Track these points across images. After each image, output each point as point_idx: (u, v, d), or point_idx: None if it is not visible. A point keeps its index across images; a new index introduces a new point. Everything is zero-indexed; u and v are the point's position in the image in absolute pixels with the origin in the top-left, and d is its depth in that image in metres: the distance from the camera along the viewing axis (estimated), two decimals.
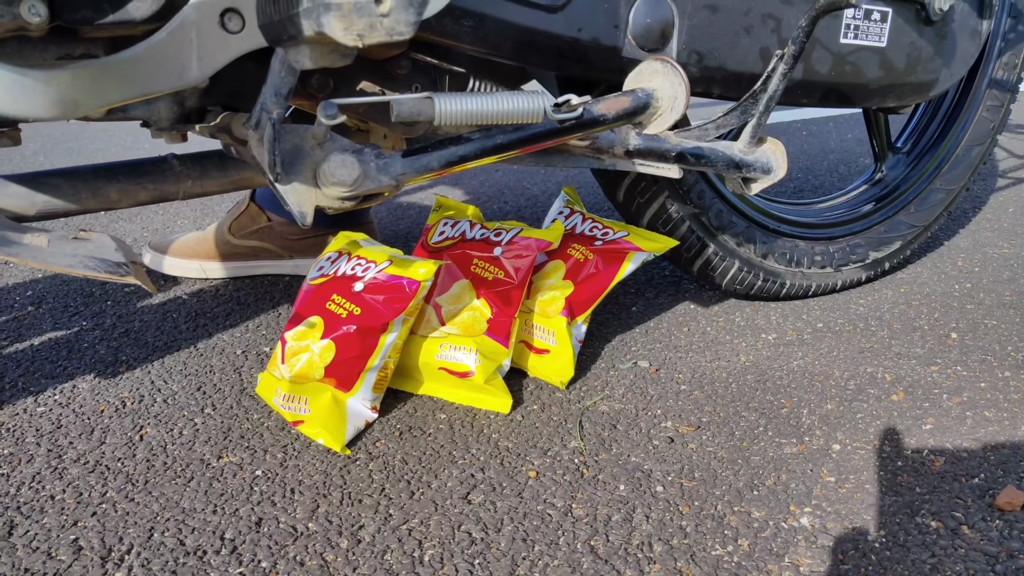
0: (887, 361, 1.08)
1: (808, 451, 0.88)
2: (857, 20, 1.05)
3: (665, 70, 0.85)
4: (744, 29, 0.98)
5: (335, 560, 0.72)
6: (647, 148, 0.92)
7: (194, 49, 0.68)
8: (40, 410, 0.96)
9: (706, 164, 0.95)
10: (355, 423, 0.89)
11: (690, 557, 0.72)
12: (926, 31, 1.11)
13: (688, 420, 0.94)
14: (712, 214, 1.15)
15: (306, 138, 0.72)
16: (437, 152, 0.76)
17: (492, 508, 0.79)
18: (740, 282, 1.21)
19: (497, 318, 0.97)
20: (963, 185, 1.37)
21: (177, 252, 1.35)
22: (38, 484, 0.82)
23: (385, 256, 0.93)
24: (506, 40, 0.85)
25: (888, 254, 1.33)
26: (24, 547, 0.73)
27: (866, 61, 1.08)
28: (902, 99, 1.16)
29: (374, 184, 0.73)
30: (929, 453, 0.87)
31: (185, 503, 0.79)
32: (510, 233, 1.02)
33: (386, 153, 0.74)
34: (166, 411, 0.96)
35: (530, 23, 0.85)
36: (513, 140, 0.79)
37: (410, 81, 0.88)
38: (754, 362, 1.08)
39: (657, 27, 0.92)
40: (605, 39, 0.90)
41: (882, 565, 0.71)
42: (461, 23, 0.82)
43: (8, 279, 1.36)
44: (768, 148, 0.98)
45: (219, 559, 0.72)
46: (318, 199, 0.73)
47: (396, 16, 0.56)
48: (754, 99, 0.93)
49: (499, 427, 0.92)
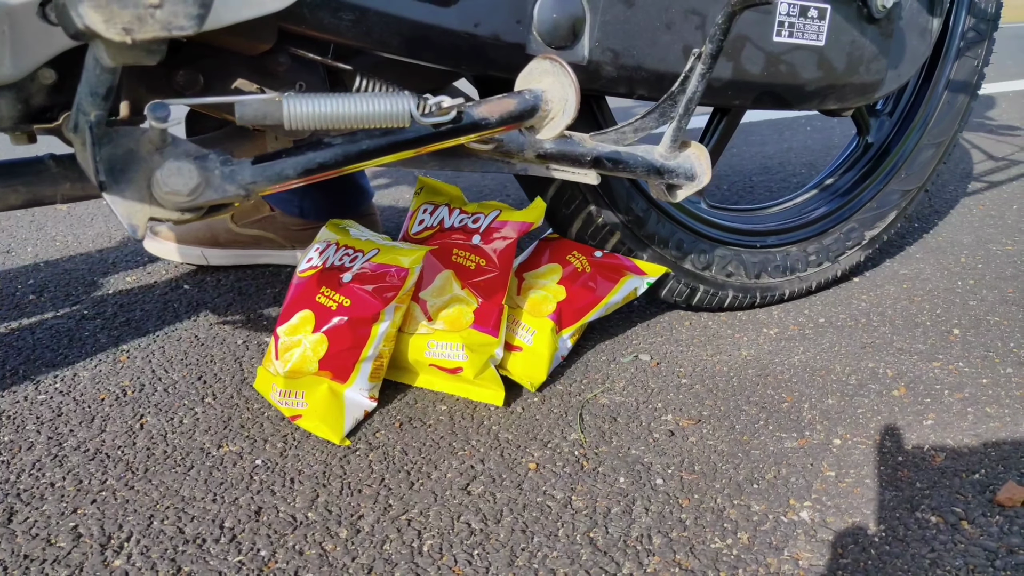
0: (889, 356, 1.07)
1: (808, 445, 0.88)
2: (792, 17, 0.99)
3: (555, 70, 0.79)
4: (665, 25, 0.92)
5: (334, 549, 0.72)
6: (560, 152, 0.86)
7: (7, 42, 0.62)
8: (41, 398, 0.96)
9: (624, 169, 0.89)
10: (354, 414, 0.89)
11: (689, 550, 0.72)
12: (869, 29, 1.05)
13: (689, 414, 0.94)
14: (675, 241, 1.13)
15: (142, 142, 0.65)
16: (293, 159, 0.70)
17: (492, 499, 0.79)
18: (740, 303, 1.21)
19: (483, 307, 0.94)
20: (952, 137, 1.30)
21: (179, 238, 1.35)
22: (38, 471, 0.82)
23: (372, 245, 0.92)
24: (393, 35, 0.79)
25: (885, 227, 1.30)
26: (24, 534, 0.73)
27: (803, 61, 1.02)
28: (844, 101, 1.10)
29: (217, 194, 0.67)
30: (930, 449, 0.87)
31: (185, 491, 0.79)
32: (488, 217, 0.99)
33: (234, 160, 0.68)
34: (166, 400, 0.96)
35: (419, 17, 0.80)
36: (382, 145, 0.74)
37: (294, 79, 0.81)
38: (755, 356, 1.08)
39: (565, 23, 0.86)
40: (507, 35, 0.84)
41: (882, 559, 0.71)
42: (340, 17, 0.76)
43: (10, 267, 1.36)
44: (691, 153, 0.93)
45: (218, 547, 0.72)
46: (153, 210, 0.66)
47: (171, 7, 0.49)
48: (672, 101, 0.87)
49: (499, 419, 0.92)
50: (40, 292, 1.26)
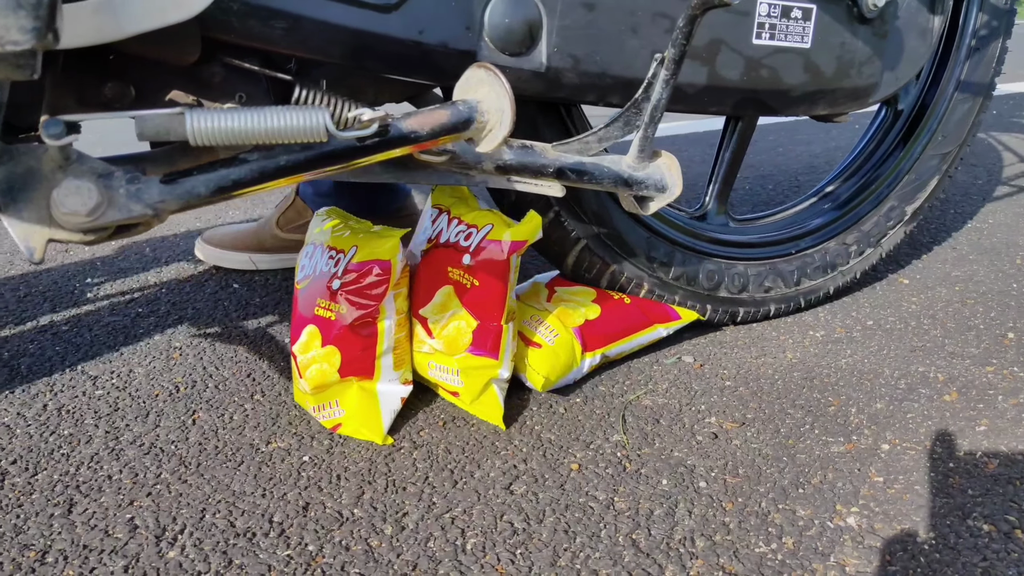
0: (940, 360, 1.05)
1: (856, 450, 0.86)
2: (773, 18, 0.93)
3: (489, 79, 0.73)
4: (630, 29, 0.87)
5: (379, 546, 0.73)
6: (521, 163, 0.81)
7: None
8: (98, 393, 0.99)
9: (590, 181, 0.85)
10: (391, 406, 0.90)
11: (733, 554, 0.72)
12: (860, 30, 0.99)
13: (732, 416, 0.93)
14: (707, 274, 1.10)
15: (44, 160, 0.62)
16: (204, 176, 0.66)
17: (534, 499, 0.79)
18: (786, 311, 1.18)
19: (481, 328, 0.90)
20: (990, 81, 1.23)
21: (228, 245, 1.38)
22: (96, 464, 0.85)
23: (351, 241, 0.90)
24: (332, 44, 0.76)
25: (927, 197, 1.23)
26: (83, 524, 0.76)
27: (787, 64, 0.96)
28: (835, 106, 1.03)
29: (122, 214, 0.64)
30: (982, 455, 0.85)
31: (235, 486, 0.81)
32: (480, 233, 0.91)
33: (142, 178, 0.65)
34: (217, 396, 0.98)
35: (358, 25, 0.76)
36: (303, 160, 0.69)
37: (232, 90, 0.77)
38: (801, 359, 1.06)
39: (520, 28, 0.82)
40: (456, 43, 0.80)
41: (931, 567, 0.69)
42: (271, 25, 0.72)
43: (68, 267, 1.41)
44: (662, 163, 0.88)
45: (267, 541, 0.74)
46: (53, 232, 0.63)
47: (2, 22, 0.46)
48: (637, 109, 0.83)
49: (542, 419, 0.93)
50: (97, 291, 1.30)
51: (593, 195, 1.02)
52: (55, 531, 0.75)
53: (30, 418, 0.93)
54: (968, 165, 2.03)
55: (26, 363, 1.06)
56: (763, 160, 2.15)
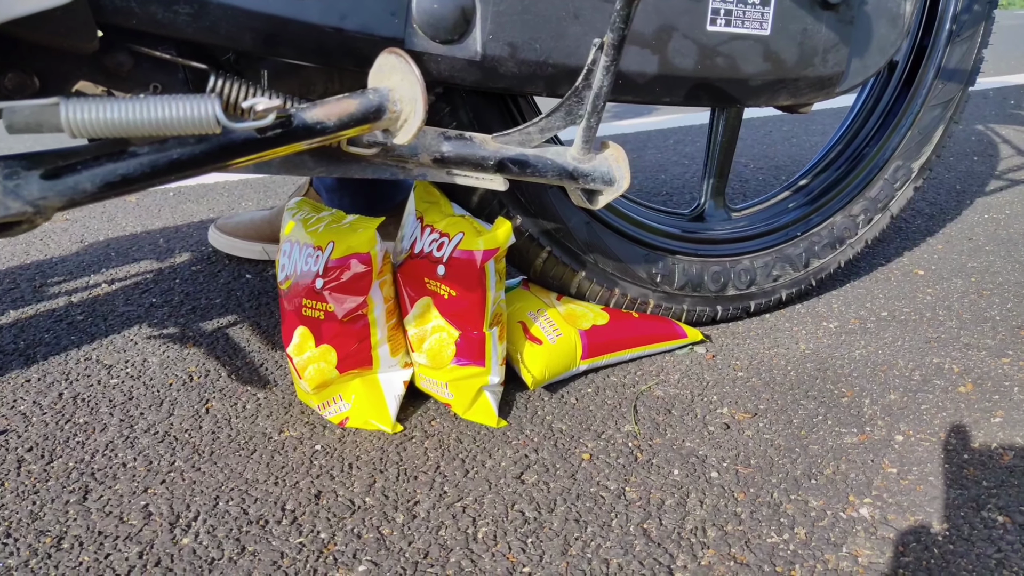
0: (955, 352, 1.04)
1: (869, 441, 0.86)
2: (729, 4, 0.89)
3: (400, 65, 0.69)
4: (572, 15, 0.82)
5: (391, 534, 0.73)
6: (459, 156, 0.78)
7: None
8: (113, 382, 1.00)
9: (534, 174, 0.82)
10: (394, 391, 0.90)
11: (744, 543, 0.71)
12: (824, 16, 0.94)
13: (744, 407, 0.93)
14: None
15: None
16: (90, 171, 0.62)
17: (545, 488, 0.79)
18: (797, 295, 1.18)
19: (464, 338, 0.88)
20: (987, 11, 1.17)
21: (242, 234, 1.39)
22: (111, 452, 0.86)
23: (327, 237, 0.88)
24: (243, 31, 0.71)
25: (933, 149, 1.19)
26: (98, 511, 0.77)
27: (744, 52, 0.91)
28: (798, 96, 0.98)
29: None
30: (998, 447, 0.84)
31: (248, 474, 0.82)
32: (452, 243, 0.88)
33: (22, 173, 0.61)
34: (230, 386, 0.99)
35: (271, 10, 0.71)
36: (198, 154, 0.65)
37: (145, 79, 0.73)
38: (814, 350, 1.06)
39: (451, 14, 0.78)
40: (380, 29, 0.76)
41: (945, 559, 0.69)
42: (175, 11, 0.68)
43: (83, 257, 1.42)
44: (609, 155, 0.85)
45: (280, 528, 0.74)
46: None
47: None
48: (578, 97, 0.79)
49: (553, 409, 0.93)
50: (112, 281, 1.31)
51: (584, 224, 0.99)
52: (71, 517, 0.76)
53: (46, 406, 0.94)
54: (985, 156, 2.01)
55: (42, 352, 1.07)
56: (778, 151, 2.14)
